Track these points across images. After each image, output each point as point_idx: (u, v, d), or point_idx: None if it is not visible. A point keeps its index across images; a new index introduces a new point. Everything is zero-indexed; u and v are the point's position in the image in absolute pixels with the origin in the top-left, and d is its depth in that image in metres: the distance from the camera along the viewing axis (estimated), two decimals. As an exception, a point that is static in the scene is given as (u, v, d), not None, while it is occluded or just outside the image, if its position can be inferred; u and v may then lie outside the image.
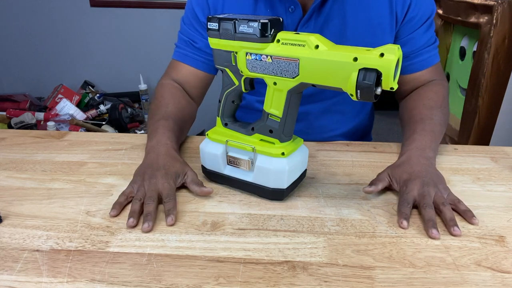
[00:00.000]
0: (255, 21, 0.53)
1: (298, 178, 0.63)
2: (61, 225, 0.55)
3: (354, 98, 0.50)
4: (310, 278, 0.46)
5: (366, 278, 0.46)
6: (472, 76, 1.38)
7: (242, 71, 0.59)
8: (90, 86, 2.33)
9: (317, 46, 0.51)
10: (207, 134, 0.65)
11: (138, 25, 2.25)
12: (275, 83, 0.56)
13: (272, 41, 0.55)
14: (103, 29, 2.26)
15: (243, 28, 0.55)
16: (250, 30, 0.54)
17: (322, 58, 0.51)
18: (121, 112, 2.06)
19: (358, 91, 0.49)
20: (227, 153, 0.63)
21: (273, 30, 0.54)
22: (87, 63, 2.35)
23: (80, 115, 2.06)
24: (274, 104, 0.58)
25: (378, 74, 0.48)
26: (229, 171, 0.64)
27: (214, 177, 0.66)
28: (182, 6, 2.14)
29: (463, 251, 0.51)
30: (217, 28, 0.57)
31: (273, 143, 0.59)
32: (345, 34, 0.76)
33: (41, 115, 1.99)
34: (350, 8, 0.74)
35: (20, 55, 2.33)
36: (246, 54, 0.56)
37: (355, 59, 0.48)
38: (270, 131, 0.59)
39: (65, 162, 0.73)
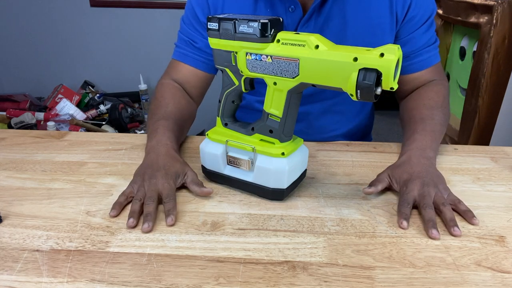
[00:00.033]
0: (255, 21, 0.53)
1: (298, 178, 0.63)
2: (61, 225, 0.55)
3: (354, 98, 0.50)
4: (310, 278, 0.46)
5: (366, 278, 0.46)
6: (472, 76, 1.38)
7: (242, 71, 0.59)
8: (90, 86, 2.33)
9: (317, 46, 0.51)
10: (207, 134, 0.65)
11: (138, 25, 2.25)
12: (275, 83, 0.56)
13: (272, 41, 0.55)
14: (103, 29, 2.26)
15: (243, 28, 0.55)
16: (250, 30, 0.54)
17: (322, 58, 0.51)
18: (121, 112, 2.06)
19: (358, 91, 0.49)
20: (227, 153, 0.63)
21: (273, 30, 0.54)
22: (87, 63, 2.35)
23: (80, 115, 2.06)
24: (274, 104, 0.58)
25: (378, 74, 0.48)
26: (229, 171, 0.64)
27: (214, 177, 0.66)
28: (182, 6, 2.14)
29: (463, 251, 0.51)
30: (217, 28, 0.57)
31: (273, 143, 0.59)
32: (345, 34, 0.76)
33: (41, 115, 1.99)
34: (350, 8, 0.74)
35: (20, 55, 2.33)
36: (246, 54, 0.56)
37: (355, 59, 0.48)
38: (270, 131, 0.59)
39: (65, 162, 0.73)
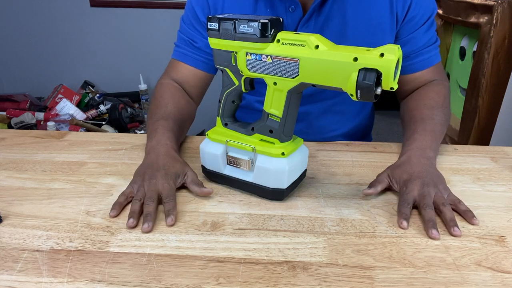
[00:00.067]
0: (255, 21, 0.53)
1: (298, 178, 0.63)
2: (61, 225, 0.55)
3: (354, 98, 0.50)
4: (310, 278, 0.46)
5: (366, 278, 0.46)
6: (472, 76, 1.38)
7: (242, 71, 0.59)
8: (90, 86, 2.33)
9: (317, 46, 0.51)
10: (207, 134, 0.65)
11: (138, 25, 2.25)
12: (275, 83, 0.56)
13: (272, 41, 0.55)
14: (103, 29, 2.26)
15: (243, 28, 0.55)
16: (250, 30, 0.54)
17: (322, 58, 0.51)
18: (121, 112, 2.06)
19: (358, 91, 0.49)
20: (227, 153, 0.63)
21: (273, 30, 0.54)
22: (87, 63, 2.35)
23: (80, 115, 2.06)
24: (274, 104, 0.58)
25: (378, 74, 0.48)
26: (229, 171, 0.64)
27: (214, 177, 0.66)
28: (182, 6, 2.14)
29: (463, 251, 0.51)
30: (217, 28, 0.57)
31: (273, 143, 0.59)
32: (345, 33, 0.76)
33: (41, 115, 1.99)
34: (350, 7, 0.74)
35: (20, 55, 2.33)
36: (246, 54, 0.56)
37: (355, 59, 0.48)
38: (270, 131, 0.59)
39: (65, 162, 0.73)
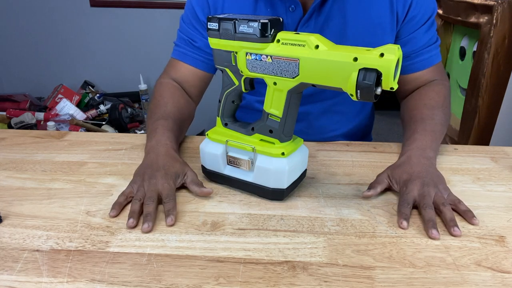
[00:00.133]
0: (255, 21, 0.53)
1: (298, 178, 0.63)
2: (61, 225, 0.55)
3: (354, 98, 0.50)
4: (310, 278, 0.46)
5: (366, 278, 0.46)
6: (472, 76, 1.38)
7: (242, 71, 0.59)
8: (90, 86, 2.33)
9: (317, 46, 0.51)
10: (207, 134, 0.65)
11: (138, 25, 2.25)
12: (275, 83, 0.56)
13: (272, 41, 0.55)
14: (103, 29, 2.26)
15: (243, 28, 0.55)
16: (250, 30, 0.54)
17: (322, 58, 0.51)
18: (121, 112, 2.06)
19: (358, 91, 0.49)
20: (227, 153, 0.63)
21: (273, 30, 0.54)
22: (87, 63, 2.35)
23: (80, 115, 2.06)
24: (274, 104, 0.58)
25: (378, 74, 0.48)
26: (229, 171, 0.64)
27: (214, 177, 0.66)
28: (182, 6, 2.14)
29: (463, 251, 0.51)
30: (217, 28, 0.57)
31: (273, 143, 0.59)
32: (345, 33, 0.76)
33: (41, 115, 1.99)
34: (350, 7, 0.74)
35: (20, 55, 2.33)
36: (246, 54, 0.56)
37: (355, 59, 0.48)
38: (270, 131, 0.59)
39: (65, 162, 0.73)
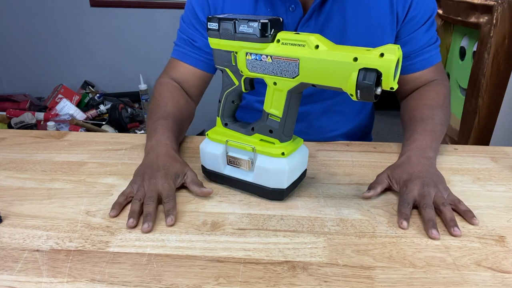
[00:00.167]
0: (255, 21, 0.53)
1: (298, 178, 0.63)
2: (61, 225, 0.55)
3: (354, 98, 0.50)
4: (310, 278, 0.46)
5: (366, 278, 0.46)
6: (472, 76, 1.38)
7: (242, 71, 0.59)
8: (90, 86, 2.33)
9: (317, 46, 0.51)
10: (207, 134, 0.65)
11: (138, 25, 2.25)
12: (275, 83, 0.56)
13: (272, 41, 0.55)
14: (103, 29, 2.26)
15: (243, 28, 0.55)
16: (250, 30, 0.54)
17: (322, 58, 0.51)
18: (121, 112, 2.06)
19: (358, 91, 0.49)
20: (227, 153, 0.63)
21: (273, 30, 0.54)
22: (87, 63, 2.35)
23: (80, 115, 2.06)
24: (274, 104, 0.58)
25: (378, 74, 0.48)
26: (229, 171, 0.64)
27: (214, 177, 0.66)
28: (182, 6, 2.14)
29: (463, 251, 0.51)
30: (217, 28, 0.57)
31: (273, 143, 0.59)
32: (345, 33, 0.76)
33: (41, 115, 1.99)
34: (350, 7, 0.74)
35: (20, 55, 2.33)
36: (246, 54, 0.56)
37: (355, 59, 0.48)
38: (270, 131, 0.59)
39: (65, 162, 0.73)
